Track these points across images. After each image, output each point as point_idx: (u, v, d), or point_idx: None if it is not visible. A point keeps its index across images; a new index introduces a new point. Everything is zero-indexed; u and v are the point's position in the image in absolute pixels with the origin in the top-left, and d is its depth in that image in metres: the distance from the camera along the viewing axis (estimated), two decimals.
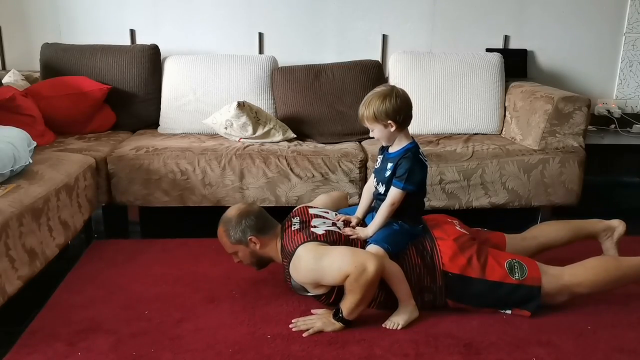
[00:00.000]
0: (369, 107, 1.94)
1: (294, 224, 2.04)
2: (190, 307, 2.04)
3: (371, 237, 2.00)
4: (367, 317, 1.94)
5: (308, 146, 2.89)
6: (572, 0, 3.48)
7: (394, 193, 1.97)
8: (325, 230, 1.99)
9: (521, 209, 2.86)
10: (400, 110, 1.94)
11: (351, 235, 2.02)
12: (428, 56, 3.23)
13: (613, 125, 3.54)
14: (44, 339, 1.84)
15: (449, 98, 3.11)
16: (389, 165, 2.01)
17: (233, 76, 3.16)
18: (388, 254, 1.94)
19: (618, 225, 2.23)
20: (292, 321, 1.93)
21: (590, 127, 3.21)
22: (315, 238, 1.95)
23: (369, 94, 1.99)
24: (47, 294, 2.12)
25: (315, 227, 2.01)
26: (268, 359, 1.74)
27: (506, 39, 3.53)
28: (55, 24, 3.42)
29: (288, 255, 1.96)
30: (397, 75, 3.22)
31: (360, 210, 2.17)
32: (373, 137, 2.03)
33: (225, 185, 2.72)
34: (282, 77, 3.17)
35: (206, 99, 3.13)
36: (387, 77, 3.33)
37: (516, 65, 3.45)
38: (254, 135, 2.89)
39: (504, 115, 3.18)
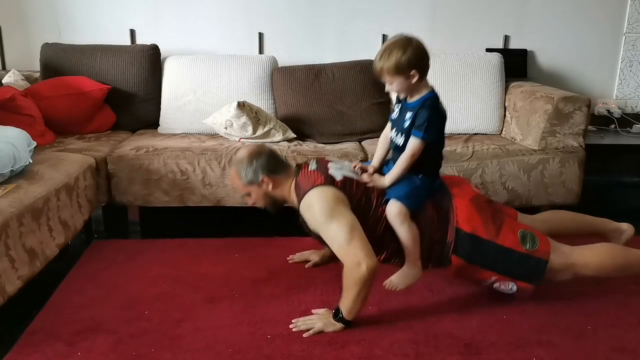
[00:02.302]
0: (389, 59, 1.84)
1: (311, 165, 2.02)
2: (190, 307, 2.04)
3: (388, 187, 1.98)
4: (367, 317, 1.95)
5: (308, 146, 2.89)
6: (572, 0, 3.48)
7: (414, 143, 1.93)
8: (343, 177, 1.96)
9: (521, 209, 2.85)
10: (422, 58, 1.89)
11: (368, 183, 2.00)
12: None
13: (613, 125, 3.54)
14: (44, 339, 1.84)
15: (449, 98, 3.11)
16: (408, 114, 1.96)
17: (233, 76, 3.16)
18: (409, 211, 1.93)
19: (627, 229, 2.23)
20: (292, 321, 1.92)
21: (590, 127, 3.21)
22: (332, 182, 1.93)
23: (385, 45, 1.89)
24: (47, 294, 2.12)
25: (332, 169, 1.98)
26: (268, 359, 1.74)
27: (506, 39, 3.53)
28: (55, 24, 3.42)
29: (302, 193, 1.93)
30: None
31: (376, 160, 2.13)
32: (388, 93, 1.93)
33: (225, 185, 2.72)
34: (282, 77, 3.17)
35: (206, 99, 3.13)
36: None
37: (516, 65, 3.45)
38: (254, 135, 2.89)
39: (504, 115, 3.18)
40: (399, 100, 2.06)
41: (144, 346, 1.80)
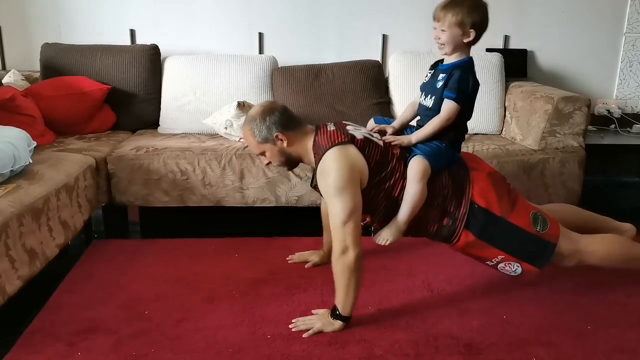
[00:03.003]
0: (458, 8, 1.85)
1: (329, 126, 1.98)
2: (190, 307, 2.04)
3: (414, 145, 1.97)
4: (367, 317, 1.95)
5: None
6: (572, 0, 3.48)
7: (449, 106, 1.92)
8: (364, 136, 1.94)
9: None
10: (485, 23, 1.90)
11: (393, 142, 1.98)
12: (428, 56, 3.23)
13: (613, 125, 3.54)
14: (44, 339, 1.84)
15: None
16: (442, 75, 1.95)
17: (233, 76, 3.16)
18: (431, 172, 1.92)
19: (629, 230, 2.23)
20: (292, 321, 1.92)
21: (590, 127, 3.21)
22: (352, 139, 1.90)
23: (446, 6, 1.89)
24: (47, 294, 2.12)
25: (351, 130, 1.95)
26: (268, 359, 1.74)
27: (506, 39, 3.53)
28: (55, 24, 3.42)
29: (321, 151, 1.90)
30: (397, 75, 3.22)
31: (398, 121, 2.11)
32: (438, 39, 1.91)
33: (225, 185, 2.72)
34: (282, 77, 3.17)
35: (206, 99, 3.13)
36: (387, 77, 3.33)
37: (516, 65, 3.45)
38: None
39: (504, 115, 3.18)
40: (432, 67, 2.06)
41: (144, 346, 1.80)
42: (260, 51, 3.49)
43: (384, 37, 3.50)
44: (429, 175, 1.93)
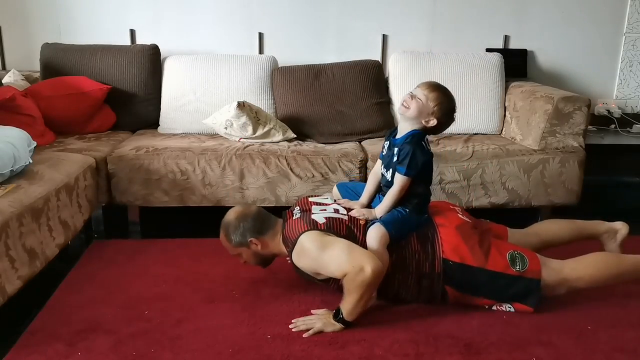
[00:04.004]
0: (442, 100, 1.97)
1: (295, 214, 2.05)
2: (190, 307, 2.04)
3: (378, 219, 2.00)
4: (367, 317, 1.94)
5: (308, 146, 2.89)
6: (572, 0, 3.48)
7: (399, 179, 1.98)
8: (326, 218, 1.98)
9: (521, 209, 2.86)
10: (443, 129, 2.04)
11: (359, 217, 2.02)
12: (428, 56, 3.23)
13: (613, 125, 3.54)
14: (44, 339, 1.84)
15: None
16: (395, 150, 2.02)
17: (233, 76, 3.16)
18: (390, 238, 1.94)
19: (621, 228, 2.23)
20: (292, 321, 1.92)
21: (590, 127, 3.21)
22: (315, 226, 1.94)
23: (436, 84, 2.01)
24: (47, 294, 2.12)
25: (315, 214, 2.01)
26: (268, 359, 1.74)
27: (506, 39, 3.53)
28: (55, 24, 3.42)
29: (290, 244, 1.96)
30: (397, 75, 3.22)
31: (365, 196, 2.16)
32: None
33: (225, 185, 2.72)
34: (282, 77, 3.17)
35: (206, 99, 3.13)
36: (387, 77, 3.33)
37: (516, 65, 3.45)
38: (254, 135, 2.89)
39: (504, 115, 3.18)
40: (387, 138, 2.12)
41: (144, 346, 1.80)
42: (260, 51, 3.49)
43: (384, 37, 3.50)
44: (388, 242, 1.95)
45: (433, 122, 1.98)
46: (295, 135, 2.99)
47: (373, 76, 3.21)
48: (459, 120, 3.09)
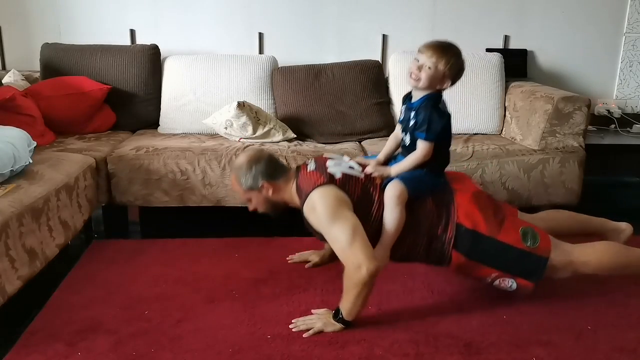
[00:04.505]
0: (449, 59, 1.89)
1: (310, 165, 2.01)
2: (190, 307, 2.04)
3: (393, 177, 1.98)
4: (367, 317, 1.94)
5: (308, 146, 2.89)
6: (572, 0, 3.48)
7: (421, 145, 1.95)
8: (343, 174, 1.96)
9: (521, 210, 2.85)
10: (457, 80, 1.96)
11: (373, 174, 1.99)
12: None
13: (613, 125, 3.54)
14: (44, 339, 1.84)
15: (448, 98, 3.07)
16: (412, 114, 1.98)
17: (233, 76, 3.16)
18: (408, 196, 1.93)
19: (625, 229, 2.24)
20: (292, 321, 1.92)
21: (590, 127, 3.21)
22: (332, 179, 1.92)
23: (440, 43, 1.92)
24: (47, 294, 2.12)
25: (331, 167, 1.98)
26: (268, 359, 1.74)
27: (506, 39, 3.53)
28: (55, 24, 3.42)
29: (304, 194, 1.94)
30: (397, 75, 3.22)
31: (382, 154, 2.13)
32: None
33: (225, 185, 2.72)
34: (282, 77, 3.17)
35: (206, 99, 3.13)
36: (387, 77, 3.33)
37: (516, 65, 3.45)
38: (254, 135, 2.89)
39: (504, 115, 3.18)
40: (403, 102, 2.08)
41: (144, 346, 1.80)
42: (260, 51, 3.49)
43: (384, 37, 3.50)
44: (406, 200, 1.94)
45: (447, 84, 1.94)
46: (295, 135, 2.99)
47: (373, 76, 3.21)
48: (459, 120, 3.12)
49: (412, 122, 1.97)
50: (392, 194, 1.93)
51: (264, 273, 2.29)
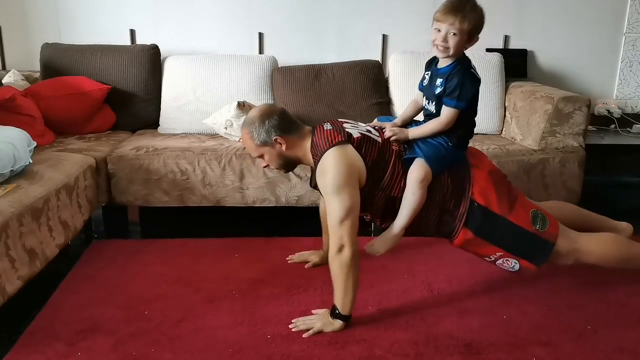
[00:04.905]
0: (471, 16, 1.82)
1: (326, 126, 1.98)
2: (190, 307, 2.04)
3: (411, 142, 1.96)
4: (367, 317, 1.95)
5: None
6: (572, 0, 3.48)
7: (448, 112, 1.90)
8: (361, 134, 1.93)
9: None
10: (483, 21, 1.88)
11: (391, 136, 1.97)
12: (428, 56, 3.19)
13: (613, 125, 3.54)
14: (44, 339, 1.84)
15: None
16: (439, 81, 1.92)
17: (233, 76, 3.16)
18: (432, 177, 1.92)
19: (625, 228, 2.24)
20: (292, 321, 1.92)
21: (590, 127, 3.21)
22: (349, 138, 1.90)
23: (454, 4, 1.83)
24: (47, 294, 2.12)
25: (348, 128, 1.95)
26: (268, 359, 1.74)
27: (506, 39, 3.53)
28: (55, 24, 3.42)
29: (319, 152, 1.91)
30: (397, 75, 3.22)
31: (400, 118, 2.10)
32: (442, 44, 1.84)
33: (225, 185, 2.72)
34: (282, 77, 3.17)
35: (206, 99, 3.13)
36: (387, 77, 3.33)
37: (516, 65, 3.45)
38: None
39: (504, 115, 3.18)
40: (428, 67, 2.04)
41: (144, 346, 1.80)
42: (260, 51, 3.49)
43: (384, 37, 3.50)
44: (430, 181, 1.92)
45: (475, 40, 1.88)
46: None
47: (373, 76, 3.21)
48: None
49: (439, 89, 1.92)
50: (417, 176, 1.90)
51: (264, 273, 2.29)
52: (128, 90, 3.18)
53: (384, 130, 2.02)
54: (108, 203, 2.76)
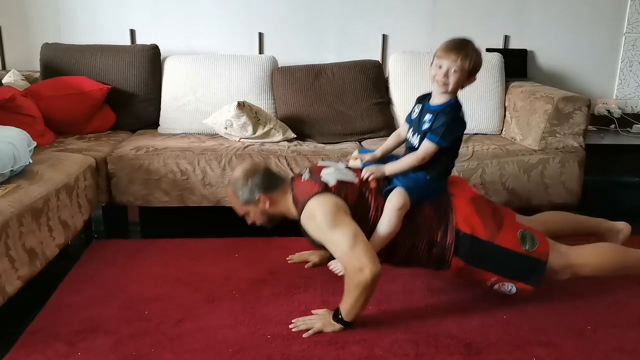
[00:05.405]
0: (471, 56, 1.88)
1: (304, 176, 2.01)
2: (190, 307, 2.04)
3: (387, 176, 1.98)
4: (367, 317, 1.94)
5: (308, 146, 2.89)
6: (572, 0, 3.48)
7: (427, 146, 1.94)
8: (337, 181, 1.95)
9: (521, 209, 2.85)
10: (481, 62, 1.94)
11: (368, 176, 1.98)
12: (428, 56, 3.20)
13: (613, 125, 3.54)
14: (44, 339, 1.84)
15: None
16: (428, 116, 1.96)
17: (233, 76, 3.16)
18: (409, 206, 1.93)
19: (623, 228, 2.24)
20: (292, 321, 1.92)
21: (590, 127, 3.21)
22: (326, 188, 1.92)
23: (464, 41, 1.91)
24: (47, 294, 2.12)
25: (325, 175, 1.97)
26: (268, 359, 1.74)
27: (506, 39, 3.53)
28: (55, 24, 3.42)
29: (300, 205, 1.94)
30: (397, 75, 3.22)
31: (380, 149, 2.12)
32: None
33: (225, 185, 2.72)
34: (282, 77, 3.17)
35: (206, 99, 3.13)
36: (387, 77, 3.33)
37: (516, 65, 3.45)
38: (254, 135, 2.89)
39: (504, 115, 3.19)
40: (419, 101, 2.06)
41: (144, 346, 1.80)
42: (260, 51, 3.49)
43: (384, 37, 3.50)
44: (407, 209, 1.93)
45: (473, 80, 1.94)
46: (295, 135, 2.99)
47: (373, 76, 3.21)
48: None
49: (427, 125, 1.95)
50: (395, 203, 1.92)
51: (264, 273, 2.29)
52: (128, 90, 3.18)
53: (360, 170, 2.04)
54: (108, 203, 2.76)
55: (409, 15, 3.47)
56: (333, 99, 3.13)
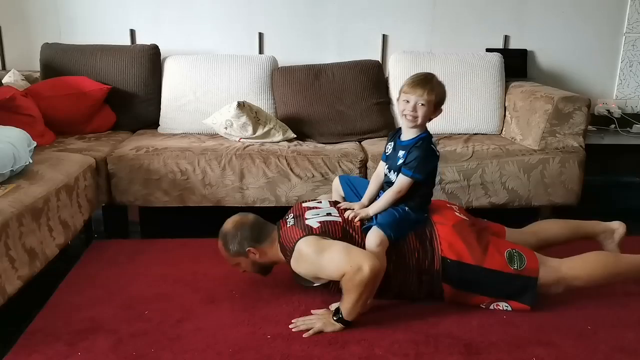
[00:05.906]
0: (437, 89, 1.97)
1: (289, 221, 2.04)
2: (190, 307, 2.04)
3: (372, 217, 2.01)
4: (367, 317, 1.94)
5: (308, 146, 2.89)
6: (572, 0, 3.48)
7: (402, 181, 1.99)
8: (320, 222, 1.98)
9: (521, 209, 2.86)
10: (445, 95, 2.02)
11: (352, 217, 2.01)
12: (428, 56, 3.23)
13: (613, 125, 3.54)
14: (44, 339, 1.84)
15: (448, 98, 3.06)
16: (401, 152, 2.01)
17: (233, 76, 3.16)
18: (389, 241, 1.94)
19: (618, 227, 2.23)
20: (292, 321, 1.92)
21: (590, 127, 3.21)
22: (310, 231, 1.94)
23: (429, 75, 1.99)
24: (47, 294, 2.12)
25: (308, 219, 2.01)
26: (268, 359, 1.74)
27: (506, 39, 3.53)
28: (55, 24, 3.42)
29: (288, 251, 1.96)
30: (397, 75, 3.22)
31: (366, 197, 2.14)
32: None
33: (225, 185, 2.72)
34: (282, 77, 3.17)
35: (206, 99, 3.13)
36: (387, 77, 3.33)
37: (516, 65, 3.45)
38: (254, 135, 2.89)
39: (504, 115, 3.18)
40: (392, 139, 2.11)
41: (144, 346, 1.80)
42: (260, 51, 3.49)
43: (384, 37, 3.50)
44: (387, 246, 1.94)
45: (439, 113, 2.01)
46: (295, 135, 2.99)
47: (373, 76, 3.21)
48: (459, 120, 3.12)
49: (400, 161, 2.00)
50: (372, 241, 1.93)
51: None
52: (128, 90, 3.18)
53: (344, 210, 2.07)
54: (108, 203, 2.77)
55: (409, 15, 3.47)
56: (333, 99, 3.13)
